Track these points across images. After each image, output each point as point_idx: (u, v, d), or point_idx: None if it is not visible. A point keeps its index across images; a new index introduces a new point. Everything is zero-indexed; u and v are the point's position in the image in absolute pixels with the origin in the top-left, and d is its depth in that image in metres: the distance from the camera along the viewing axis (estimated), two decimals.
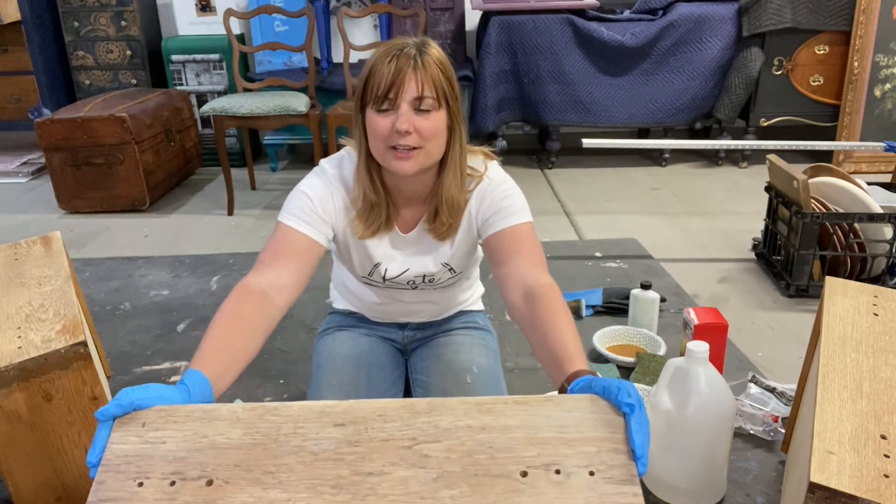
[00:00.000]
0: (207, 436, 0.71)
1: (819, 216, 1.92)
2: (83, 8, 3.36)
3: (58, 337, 1.06)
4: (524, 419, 0.73)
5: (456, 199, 1.17)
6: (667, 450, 1.19)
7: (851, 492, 0.71)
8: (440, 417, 0.73)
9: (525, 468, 0.69)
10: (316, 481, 0.67)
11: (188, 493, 0.66)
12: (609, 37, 3.08)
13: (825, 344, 0.97)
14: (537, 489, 0.67)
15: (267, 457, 0.69)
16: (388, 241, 1.24)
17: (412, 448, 0.70)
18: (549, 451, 0.70)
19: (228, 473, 0.68)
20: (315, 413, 0.74)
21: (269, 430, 0.72)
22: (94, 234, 2.69)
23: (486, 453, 0.70)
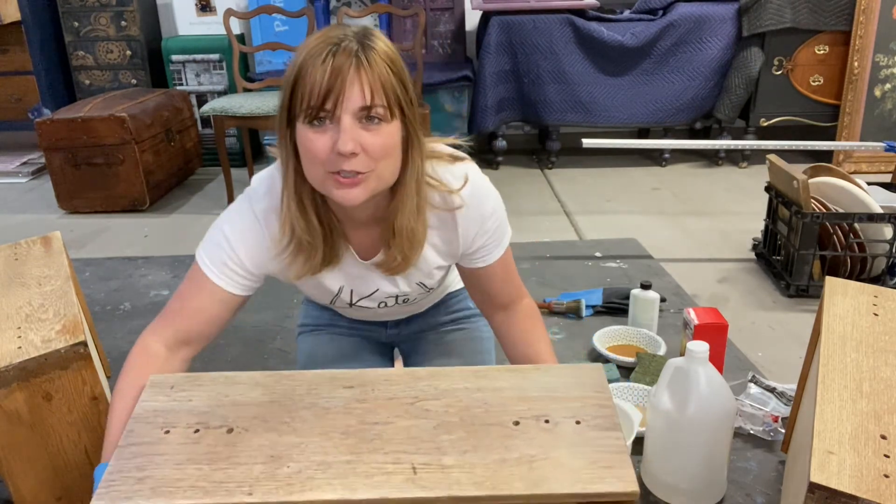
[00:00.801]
0: (229, 395, 0.80)
1: (819, 216, 1.92)
2: (83, 8, 3.36)
3: (58, 337, 1.06)
4: (515, 382, 0.83)
5: (411, 229, 0.96)
6: (667, 450, 1.19)
7: (851, 492, 0.71)
8: (439, 381, 0.83)
9: (517, 418, 0.77)
10: (327, 429, 0.75)
11: (210, 438, 0.74)
12: (609, 37, 3.08)
13: (825, 344, 0.97)
14: (528, 434, 0.75)
15: (283, 411, 0.78)
16: (341, 272, 1.05)
17: (414, 404, 0.79)
18: (539, 405, 0.79)
19: (247, 423, 0.76)
20: (327, 378, 0.84)
21: (286, 391, 0.81)
22: (94, 234, 2.69)
23: (482, 408, 0.79)
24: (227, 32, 2.95)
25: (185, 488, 0.68)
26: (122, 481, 0.69)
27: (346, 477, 0.69)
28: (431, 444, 0.73)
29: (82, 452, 1.09)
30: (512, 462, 0.71)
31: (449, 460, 0.71)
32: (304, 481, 0.68)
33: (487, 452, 0.72)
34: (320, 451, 0.72)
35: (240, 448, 0.73)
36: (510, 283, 1.11)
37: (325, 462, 0.71)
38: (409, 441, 0.74)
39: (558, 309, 1.91)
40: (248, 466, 0.70)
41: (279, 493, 0.67)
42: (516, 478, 0.69)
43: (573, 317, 1.90)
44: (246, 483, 0.68)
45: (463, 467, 0.70)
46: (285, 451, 0.72)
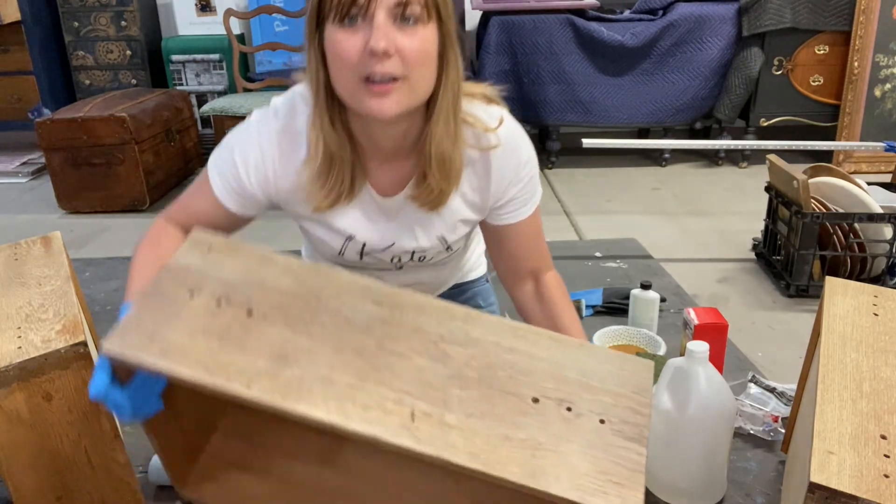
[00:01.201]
0: (261, 275, 0.76)
1: (819, 216, 1.92)
2: (83, 8, 3.36)
3: (58, 337, 1.06)
4: (553, 354, 0.74)
5: (448, 156, 0.91)
6: (667, 450, 1.19)
7: (851, 492, 0.71)
8: (473, 327, 0.75)
9: (538, 395, 0.70)
10: (342, 343, 0.71)
11: (229, 316, 0.72)
12: (609, 37, 3.08)
13: (825, 344, 0.97)
14: (544, 417, 0.68)
15: (306, 309, 0.74)
16: (358, 209, 0.98)
17: (438, 344, 0.73)
18: (567, 389, 0.71)
19: (268, 311, 0.73)
20: (360, 287, 0.77)
21: (315, 287, 0.76)
22: (94, 234, 2.69)
23: (506, 371, 0.71)
24: (227, 32, 2.95)
25: (191, 361, 0.67)
26: (136, 333, 0.69)
27: (344, 401, 0.66)
28: (440, 394, 0.68)
29: (82, 452, 1.09)
30: (516, 442, 0.66)
31: (452, 418, 0.67)
32: (301, 391, 0.66)
33: (494, 423, 0.67)
34: (327, 365, 0.69)
35: (253, 335, 0.70)
36: (539, 248, 1.05)
37: (328, 378, 0.68)
38: (418, 383, 0.69)
39: None
40: (254, 358, 0.68)
41: (274, 396, 0.65)
42: (515, 461, 0.64)
43: None
44: (247, 374, 0.66)
45: (463, 431, 0.66)
46: (294, 353, 0.69)
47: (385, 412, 0.66)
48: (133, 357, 0.67)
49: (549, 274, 1.09)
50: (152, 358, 0.67)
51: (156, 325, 0.70)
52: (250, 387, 0.66)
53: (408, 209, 0.99)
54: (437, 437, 0.65)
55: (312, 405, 0.65)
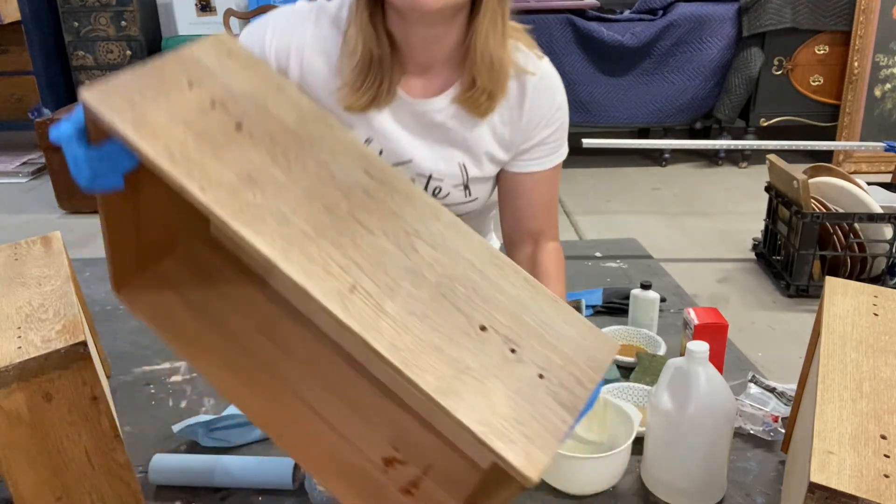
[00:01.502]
0: (267, 99, 0.73)
1: (819, 216, 1.92)
2: (83, 8, 3.36)
3: (58, 337, 1.06)
4: (521, 294, 0.70)
5: (497, 57, 0.88)
6: (667, 450, 1.19)
7: (851, 492, 0.71)
8: (454, 236, 0.72)
9: (488, 325, 0.66)
10: (315, 193, 0.68)
11: (217, 120, 0.68)
12: (609, 37, 3.08)
13: (825, 344, 0.97)
14: (484, 347, 0.65)
15: (295, 147, 0.71)
16: (387, 115, 0.94)
17: (410, 236, 0.70)
18: (520, 331, 0.68)
19: (257, 132, 0.70)
20: (358, 152, 0.74)
21: (314, 133, 0.73)
22: (94, 234, 2.68)
23: (466, 289, 0.68)
24: (228, 32, 2.95)
25: (159, 144, 0.63)
26: (118, 95, 0.65)
27: (292, 245, 0.62)
28: (390, 281, 0.65)
29: (82, 452, 1.09)
30: (445, 357, 0.62)
31: (391, 307, 0.63)
32: (254, 218, 0.63)
33: (431, 331, 0.63)
34: (291, 206, 0.65)
35: (233, 147, 0.67)
36: (550, 208, 1.03)
37: (286, 217, 0.64)
38: (372, 262, 0.65)
39: None
40: (223, 167, 0.65)
41: (224, 210, 0.62)
42: (434, 373, 0.60)
43: None
44: (208, 179, 0.63)
45: (397, 323, 0.62)
46: (263, 181, 0.66)
47: (327, 272, 0.62)
48: (105, 114, 0.63)
49: (551, 244, 1.06)
50: (123, 124, 0.63)
51: (142, 97, 0.66)
52: (205, 192, 0.62)
53: (438, 123, 0.95)
54: (367, 318, 0.61)
55: (258, 234, 0.62)
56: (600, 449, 1.27)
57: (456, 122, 0.96)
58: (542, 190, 1.03)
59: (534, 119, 0.97)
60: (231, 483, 1.24)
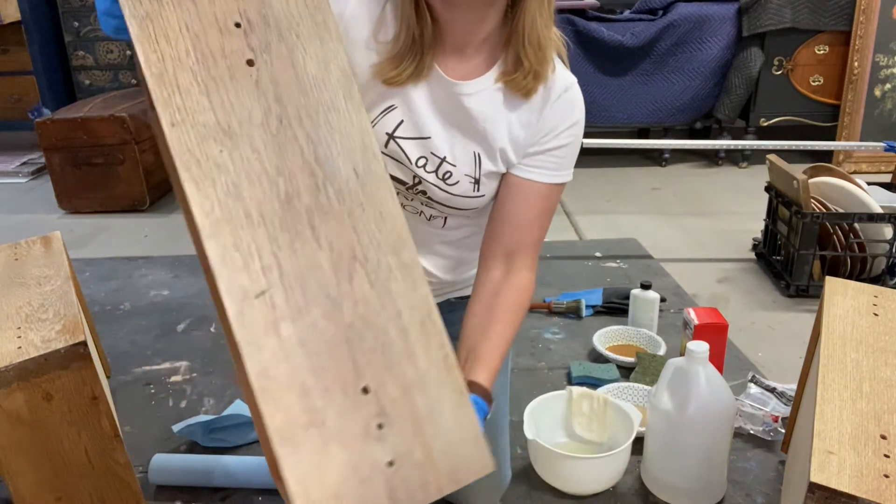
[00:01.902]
0: (299, 39, 0.66)
1: (819, 216, 1.92)
2: (83, 8, 3.36)
3: (58, 337, 1.06)
4: (429, 372, 0.65)
5: (544, 38, 0.90)
6: (667, 450, 1.19)
7: (851, 492, 0.71)
8: (400, 282, 0.65)
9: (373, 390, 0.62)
10: (286, 172, 0.63)
11: (232, 44, 0.63)
12: (609, 37, 3.08)
13: (825, 344, 0.97)
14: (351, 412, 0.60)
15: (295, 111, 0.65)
16: (423, 89, 0.95)
17: (355, 261, 0.64)
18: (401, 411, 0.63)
19: (266, 77, 0.64)
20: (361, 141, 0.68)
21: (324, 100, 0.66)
22: (94, 234, 2.69)
23: (376, 343, 0.63)
24: None
25: (156, 52, 0.59)
26: None
27: (228, 222, 0.59)
28: (302, 303, 0.61)
29: (82, 452, 1.09)
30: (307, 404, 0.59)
31: (286, 330, 0.59)
32: (205, 176, 0.58)
33: (309, 372, 0.59)
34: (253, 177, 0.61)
35: (229, 87, 0.62)
36: (534, 228, 1.00)
37: (239, 190, 0.59)
38: (298, 275, 0.61)
39: (558, 309, 1.91)
40: (205, 108, 0.60)
41: (182, 155, 0.58)
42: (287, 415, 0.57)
43: (573, 317, 1.90)
44: (183, 112, 0.59)
45: (283, 349, 0.59)
46: (238, 140, 0.61)
47: (245, 266, 0.58)
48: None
49: (524, 274, 1.01)
50: (132, 16, 0.59)
51: None
52: (174, 127, 0.58)
53: (466, 108, 0.95)
54: (257, 331, 0.57)
55: (201, 195, 0.58)
56: (600, 449, 1.27)
57: (483, 110, 0.96)
58: (533, 204, 1.00)
59: (547, 126, 0.97)
60: (231, 483, 1.24)
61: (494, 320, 0.97)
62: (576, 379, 1.57)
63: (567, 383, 1.58)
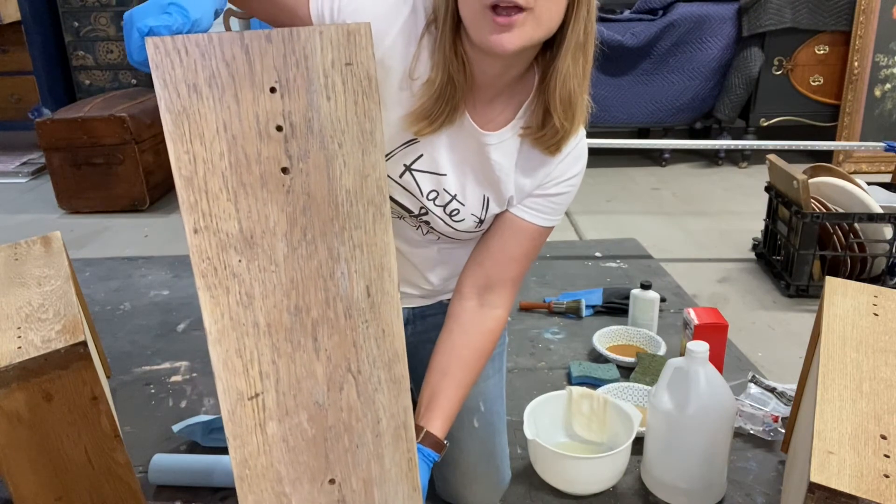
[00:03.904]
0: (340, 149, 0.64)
1: (819, 216, 1.92)
2: (83, 8, 3.36)
3: (58, 337, 1.06)
4: (391, 471, 0.71)
5: (576, 96, 0.87)
6: (667, 450, 1.19)
7: (851, 492, 0.71)
8: (386, 393, 0.70)
9: (339, 481, 0.69)
10: (300, 288, 0.64)
11: (269, 151, 0.61)
12: (609, 37, 3.08)
13: (825, 344, 0.97)
14: (315, 499, 0.68)
15: (321, 226, 0.64)
16: (450, 133, 0.94)
17: (348, 373, 0.68)
18: (359, 502, 0.70)
19: (299, 187, 0.62)
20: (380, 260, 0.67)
21: (353, 215, 0.65)
22: (94, 234, 2.69)
23: (350, 444, 0.69)
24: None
25: (189, 153, 0.58)
26: (184, 70, 0.58)
27: (235, 329, 0.62)
28: (292, 406, 0.65)
29: (82, 452, 1.09)
30: (278, 491, 0.67)
31: (272, 428, 0.65)
32: (220, 285, 0.60)
33: (286, 465, 0.66)
34: (267, 289, 0.62)
35: (258, 195, 0.61)
36: (518, 264, 1.02)
37: (251, 300, 0.62)
38: (292, 381, 0.65)
39: (558, 309, 1.91)
40: (230, 216, 0.60)
41: (200, 264, 0.59)
42: (258, 501, 0.66)
43: (573, 317, 1.90)
44: (207, 220, 0.59)
45: (266, 444, 0.65)
46: (258, 251, 0.62)
47: (244, 372, 0.62)
48: (157, 80, 0.58)
49: (499, 312, 1.04)
50: (168, 110, 0.58)
51: (208, 84, 0.58)
52: (197, 234, 0.59)
53: (489, 158, 0.95)
54: (245, 428, 0.63)
55: (213, 303, 0.61)
56: (600, 449, 1.27)
57: (502, 162, 0.96)
58: (521, 242, 1.02)
59: (552, 176, 0.99)
60: (231, 483, 1.24)
61: (458, 366, 1.01)
62: (576, 379, 1.57)
63: (567, 383, 1.58)
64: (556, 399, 1.31)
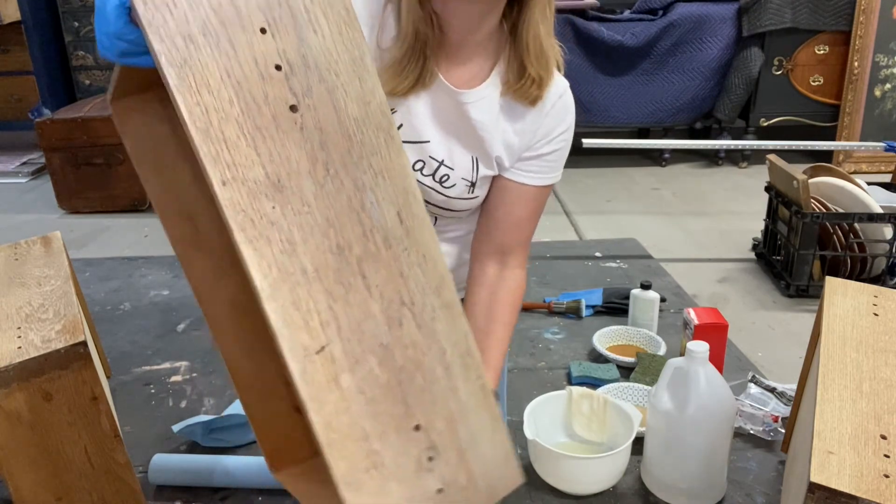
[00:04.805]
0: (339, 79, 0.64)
1: (819, 216, 1.92)
2: (83, 8, 3.36)
3: (58, 337, 1.06)
4: (469, 402, 0.68)
5: (546, 45, 0.90)
6: (667, 450, 1.19)
7: (851, 492, 0.71)
8: (443, 321, 0.67)
9: (423, 427, 0.65)
10: (336, 224, 0.62)
11: (274, 90, 0.60)
12: (609, 37, 3.08)
13: (825, 344, 0.97)
14: (405, 449, 0.64)
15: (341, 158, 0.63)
16: (426, 98, 0.95)
17: (403, 306, 0.65)
18: (448, 443, 0.67)
19: (311, 123, 0.62)
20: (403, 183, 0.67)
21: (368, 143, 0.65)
22: (94, 234, 2.69)
23: (424, 382, 0.66)
24: None
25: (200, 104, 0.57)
26: (176, 22, 0.56)
27: (286, 280, 0.59)
28: (359, 352, 0.61)
29: (82, 452, 1.09)
30: (366, 449, 0.61)
31: (346, 381, 0.60)
32: (260, 236, 0.58)
33: (368, 418, 0.60)
34: (306, 232, 0.59)
35: (275, 137, 0.59)
36: (526, 228, 1.04)
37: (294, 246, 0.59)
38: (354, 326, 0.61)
39: (558, 309, 1.91)
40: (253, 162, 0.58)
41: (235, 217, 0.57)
42: (351, 462, 0.60)
43: (573, 317, 1.90)
44: (234, 169, 0.57)
45: (344, 399, 0.59)
46: (289, 194, 0.59)
47: (305, 324, 0.59)
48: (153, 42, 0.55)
49: (517, 272, 1.06)
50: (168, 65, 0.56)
51: (203, 34, 0.57)
52: (226, 185, 0.57)
53: (469, 117, 0.96)
54: (320, 386, 0.59)
55: (258, 256, 0.57)
56: (600, 449, 1.27)
57: (483, 119, 0.97)
58: (525, 205, 1.03)
59: (541, 132, 0.99)
60: (231, 483, 1.24)
61: (495, 322, 1.02)
62: (576, 379, 1.57)
63: (567, 383, 1.58)
64: (556, 399, 1.31)
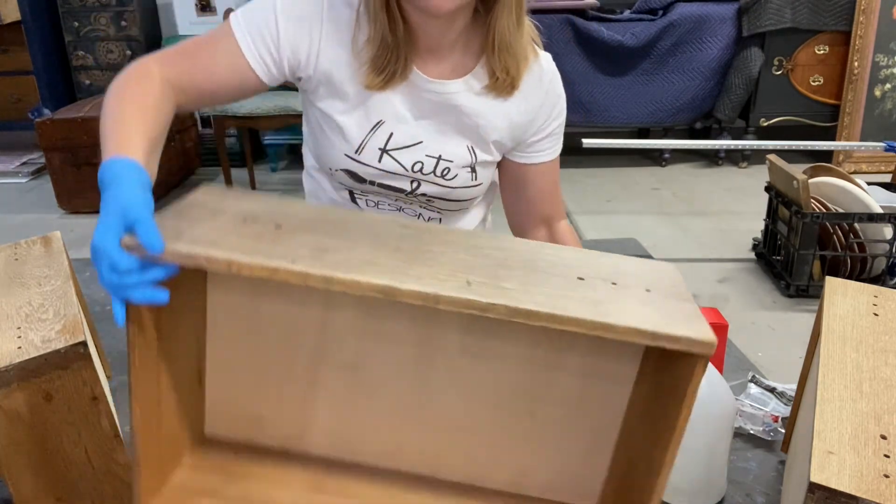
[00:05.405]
0: (284, 207, 0.77)
1: (819, 216, 1.92)
2: (83, 8, 3.36)
3: (58, 337, 1.06)
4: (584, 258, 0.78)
5: (515, 44, 0.92)
6: None
7: (851, 492, 0.71)
8: (500, 241, 0.77)
9: (583, 276, 0.72)
10: (379, 243, 0.71)
11: (258, 227, 0.70)
12: (609, 37, 3.08)
13: (825, 344, 0.97)
14: (594, 288, 0.70)
15: (333, 227, 0.73)
16: (405, 93, 0.96)
17: (472, 248, 0.73)
18: (607, 273, 0.74)
19: (295, 226, 0.72)
20: (386, 218, 0.81)
21: (339, 218, 0.77)
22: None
23: (546, 263, 0.73)
24: None
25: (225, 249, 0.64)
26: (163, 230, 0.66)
27: (395, 273, 0.64)
28: (489, 272, 0.68)
29: (82, 452, 1.09)
30: (576, 298, 0.66)
31: (508, 284, 0.66)
32: (350, 269, 0.64)
33: (550, 288, 0.67)
34: (369, 254, 0.68)
35: (284, 240, 0.68)
36: (556, 193, 1.11)
37: (373, 262, 0.66)
38: (465, 266, 0.68)
39: None
40: (293, 249, 0.66)
41: (321, 271, 0.63)
42: (580, 310, 0.63)
43: None
44: (289, 257, 0.64)
45: (523, 291, 0.65)
46: (333, 249, 0.67)
47: (440, 280, 0.64)
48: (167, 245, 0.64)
49: (563, 223, 1.14)
50: (184, 246, 0.64)
51: (180, 228, 0.67)
52: (296, 263, 0.63)
53: (454, 105, 0.97)
54: (498, 294, 0.63)
55: (365, 276, 0.63)
56: None
57: (475, 107, 0.98)
58: (549, 178, 1.09)
59: (546, 109, 1.02)
60: None
61: None
62: None
63: None
64: None
